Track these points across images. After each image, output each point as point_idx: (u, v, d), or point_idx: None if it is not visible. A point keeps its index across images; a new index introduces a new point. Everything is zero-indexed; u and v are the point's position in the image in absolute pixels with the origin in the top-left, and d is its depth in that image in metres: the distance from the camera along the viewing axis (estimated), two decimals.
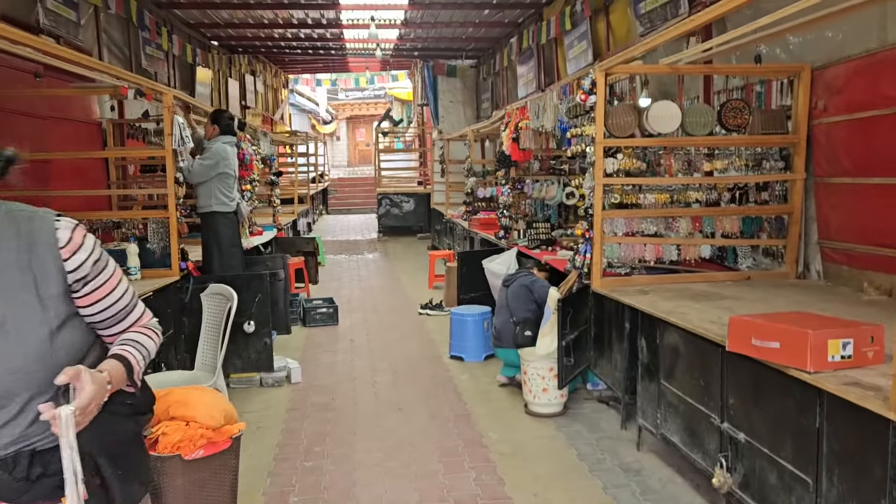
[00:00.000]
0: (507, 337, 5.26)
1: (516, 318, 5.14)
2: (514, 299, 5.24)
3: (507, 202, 7.14)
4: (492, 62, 13.84)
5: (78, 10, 6.63)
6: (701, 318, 3.42)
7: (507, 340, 5.27)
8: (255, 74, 15.94)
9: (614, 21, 7.56)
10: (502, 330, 5.30)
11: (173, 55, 9.92)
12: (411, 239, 15.64)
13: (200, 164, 5.76)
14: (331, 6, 10.19)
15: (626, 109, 4.43)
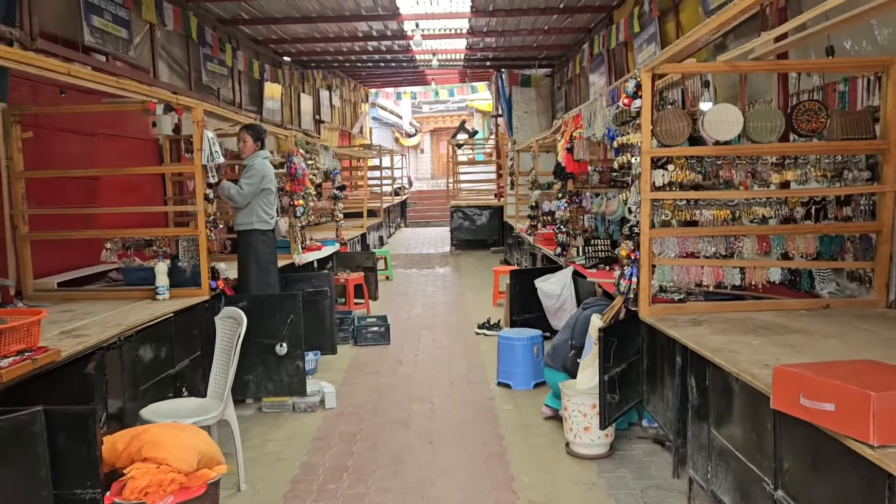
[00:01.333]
0: (559, 356, 4.84)
1: (575, 342, 4.69)
2: (583, 324, 4.78)
3: (565, 217, 6.66)
4: (565, 70, 13.32)
5: (130, 28, 6.66)
6: (753, 360, 2.88)
7: (557, 359, 4.83)
8: (332, 89, 16.04)
9: (684, 20, 6.96)
10: (557, 346, 4.87)
11: (239, 71, 9.97)
12: (484, 253, 15.25)
13: (248, 185, 5.59)
14: (392, 17, 10.00)
15: (678, 114, 3.90)
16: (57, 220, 5.38)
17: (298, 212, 7.28)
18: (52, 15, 5.68)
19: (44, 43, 5.42)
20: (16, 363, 3.00)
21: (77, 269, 5.63)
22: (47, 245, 5.25)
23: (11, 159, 4.86)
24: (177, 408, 3.97)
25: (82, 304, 4.75)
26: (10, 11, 5.06)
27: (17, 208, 4.92)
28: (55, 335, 3.72)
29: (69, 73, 3.52)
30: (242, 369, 5.01)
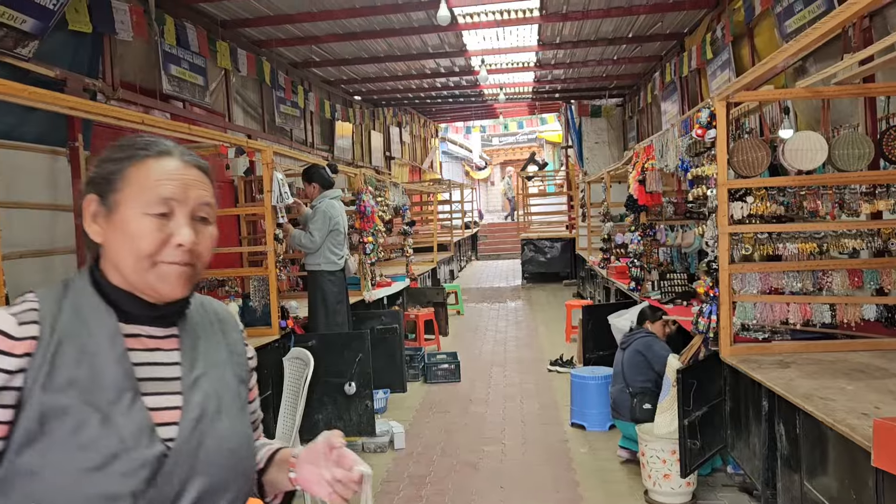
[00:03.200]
0: (623, 409, 4.60)
1: (633, 389, 4.46)
2: (630, 366, 4.57)
3: (638, 250, 6.44)
4: (636, 99, 13.10)
5: (206, 75, 6.91)
6: (849, 408, 2.64)
7: (623, 412, 4.60)
8: (402, 126, 16.27)
9: (760, 45, 6.71)
10: (618, 400, 4.64)
11: (310, 112, 10.22)
12: (556, 286, 14.99)
13: (317, 231, 5.66)
14: (459, 53, 10.08)
15: (756, 144, 3.71)
16: None
17: (368, 249, 7.31)
18: (132, 66, 5.95)
19: (125, 93, 5.66)
20: None
21: None
22: None
23: None
24: None
25: None
26: (94, 64, 5.32)
27: None
28: None
29: (143, 122, 3.64)
30: (312, 409, 5.01)
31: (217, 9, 7.16)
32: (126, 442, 1.06)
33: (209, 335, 1.28)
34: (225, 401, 1.24)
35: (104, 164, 1.17)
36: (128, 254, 1.13)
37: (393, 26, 8.50)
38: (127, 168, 1.15)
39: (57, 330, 1.09)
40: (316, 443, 1.29)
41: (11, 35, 4.18)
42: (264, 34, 8.29)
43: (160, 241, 1.13)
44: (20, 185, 4.47)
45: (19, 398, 1.05)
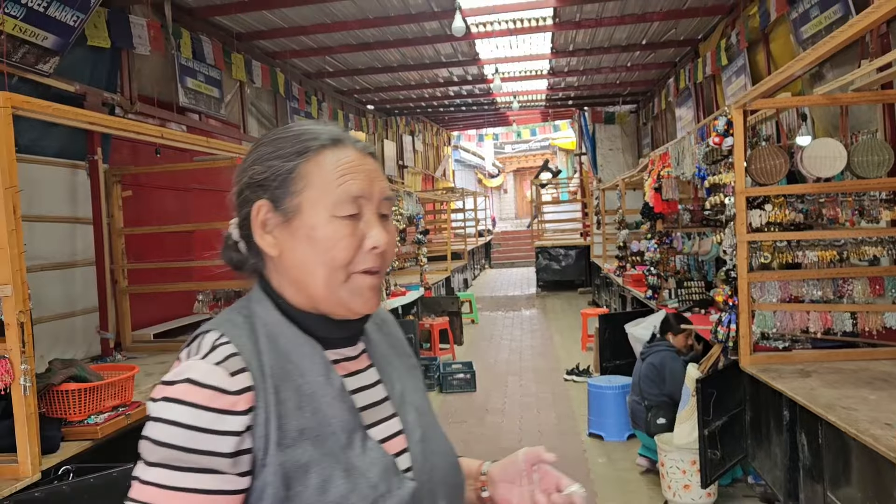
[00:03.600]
0: (639, 421, 4.57)
1: (648, 402, 4.43)
2: (645, 379, 4.54)
3: (655, 258, 6.41)
4: (650, 105, 13.07)
5: (221, 87, 6.97)
6: (872, 418, 2.61)
7: (640, 424, 4.57)
8: (414, 134, 16.31)
9: (775, 50, 6.67)
10: (634, 411, 4.61)
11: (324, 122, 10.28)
12: (571, 294, 14.94)
13: None
14: (472, 62, 10.10)
15: (774, 151, 3.69)
16: (153, 274, 5.59)
17: None
18: (149, 80, 6.01)
19: (142, 106, 5.72)
20: (111, 419, 3.08)
21: (172, 321, 5.83)
22: (144, 297, 5.46)
23: (112, 217, 5.12)
24: None
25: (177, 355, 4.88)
26: (112, 79, 5.38)
27: (117, 263, 5.15)
28: (150, 388, 3.82)
29: (162, 136, 3.68)
30: None
31: (232, 22, 7.23)
32: (378, 488, 0.92)
33: (386, 343, 1.14)
34: (428, 411, 1.11)
35: (268, 161, 0.98)
36: (318, 266, 0.95)
37: (406, 36, 8.54)
38: (302, 164, 0.97)
39: (267, 374, 0.91)
40: (515, 458, 1.13)
41: (33, 52, 4.24)
42: (278, 46, 8.36)
43: (355, 247, 0.96)
44: (41, 199, 4.52)
45: (253, 461, 0.88)
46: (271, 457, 0.87)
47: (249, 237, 1.01)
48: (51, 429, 2.84)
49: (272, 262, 1.00)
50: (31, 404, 2.60)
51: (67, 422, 2.99)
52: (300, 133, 1.00)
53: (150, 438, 0.86)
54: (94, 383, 3.08)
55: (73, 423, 2.99)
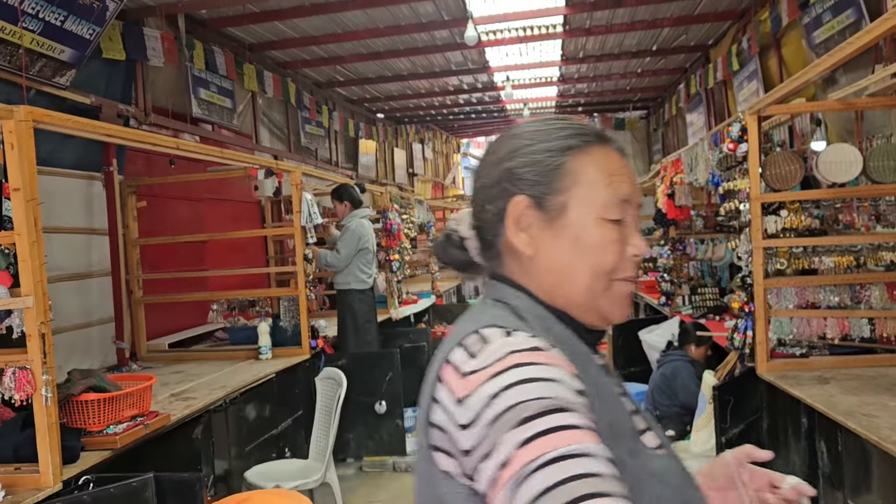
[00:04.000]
0: None
1: (659, 412, 4.41)
2: (657, 389, 4.53)
3: (668, 265, 6.39)
4: (661, 111, 13.05)
5: (233, 98, 7.01)
6: (893, 425, 2.60)
7: None
8: (424, 142, 16.34)
9: (787, 55, 6.65)
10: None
11: (335, 131, 10.32)
12: None
13: (344, 249, 5.70)
14: (482, 70, 10.12)
15: (789, 157, 3.67)
16: (168, 284, 5.63)
17: (394, 266, 7.35)
18: (163, 91, 6.06)
19: (156, 117, 5.77)
20: (129, 429, 3.09)
21: (186, 330, 5.85)
22: (158, 307, 5.49)
23: (127, 227, 5.15)
24: (280, 470, 3.99)
25: (191, 364, 4.92)
26: (127, 91, 5.44)
27: (132, 274, 5.19)
28: (166, 398, 3.84)
29: (178, 148, 3.71)
30: (343, 428, 5.01)
31: (244, 33, 7.28)
32: (693, 498, 0.87)
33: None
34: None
35: (529, 154, 0.92)
36: (582, 270, 0.89)
37: (416, 45, 8.57)
38: (569, 160, 0.91)
39: (583, 377, 0.81)
40: (723, 460, 1.07)
41: (50, 65, 4.29)
42: (289, 56, 8.40)
43: (620, 252, 0.90)
44: (57, 210, 4.55)
45: None
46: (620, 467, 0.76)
47: (487, 233, 0.95)
48: (71, 439, 2.85)
49: (519, 261, 0.93)
50: (52, 414, 2.62)
51: (87, 432, 3.01)
52: (564, 127, 0.94)
53: (505, 409, 0.73)
54: (113, 393, 3.10)
55: (93, 433, 3.01)
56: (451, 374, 0.81)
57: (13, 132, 2.56)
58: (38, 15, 4.06)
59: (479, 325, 0.85)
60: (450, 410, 0.79)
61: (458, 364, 0.81)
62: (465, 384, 0.78)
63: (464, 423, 0.76)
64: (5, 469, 2.72)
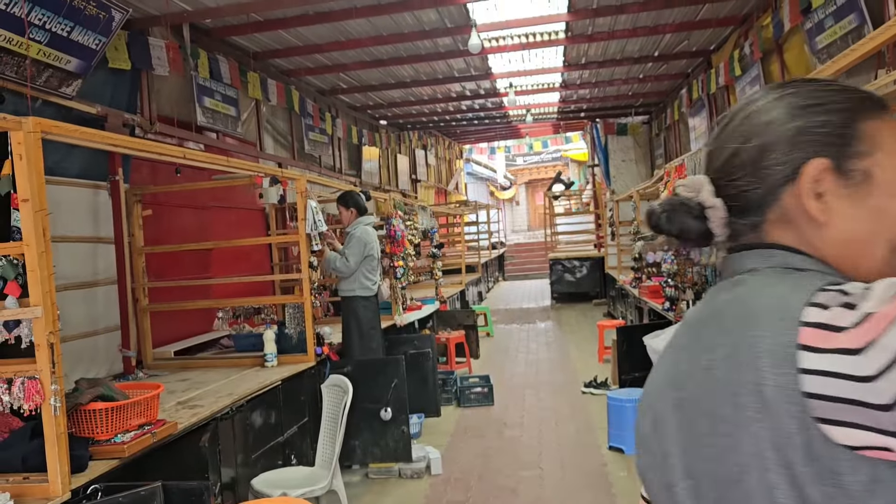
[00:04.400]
0: None
1: None
2: None
3: (672, 270, 6.39)
4: (663, 116, 13.07)
5: (237, 105, 7.04)
6: None
7: None
8: (427, 148, 16.39)
9: (790, 60, 6.67)
10: None
11: (338, 138, 10.36)
12: (586, 306, 14.89)
13: (353, 256, 5.70)
14: (484, 77, 10.15)
15: None
16: (173, 291, 5.64)
17: (399, 273, 7.36)
18: (168, 100, 6.09)
19: (161, 126, 5.80)
20: (137, 437, 3.11)
21: (192, 338, 5.87)
22: (163, 315, 5.51)
23: (133, 236, 5.17)
24: (286, 478, 3.99)
25: (197, 372, 4.93)
26: (132, 100, 5.46)
27: (138, 282, 5.21)
28: (172, 406, 3.85)
29: (185, 157, 3.72)
30: (349, 434, 5.02)
31: (249, 41, 7.31)
32: None
33: None
34: None
35: (826, 114, 0.86)
36: (882, 243, 0.84)
37: (419, 52, 8.61)
38: (866, 124, 0.85)
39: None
40: None
41: (56, 75, 4.32)
42: (293, 64, 8.44)
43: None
44: (63, 219, 4.57)
45: None
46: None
47: (751, 200, 0.89)
48: (79, 448, 2.86)
49: (798, 231, 0.87)
50: (60, 424, 2.63)
51: (95, 441, 3.02)
52: (845, 88, 0.89)
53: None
54: (121, 402, 3.11)
55: (100, 442, 3.02)
56: (823, 335, 0.73)
57: (22, 143, 2.58)
58: (45, 26, 4.09)
59: (809, 290, 0.77)
60: (846, 369, 0.70)
61: (830, 321, 0.73)
62: (860, 333, 0.71)
63: (875, 371, 0.69)
64: (14, 478, 2.74)
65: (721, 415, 0.79)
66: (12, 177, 2.65)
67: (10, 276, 2.69)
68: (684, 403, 0.86)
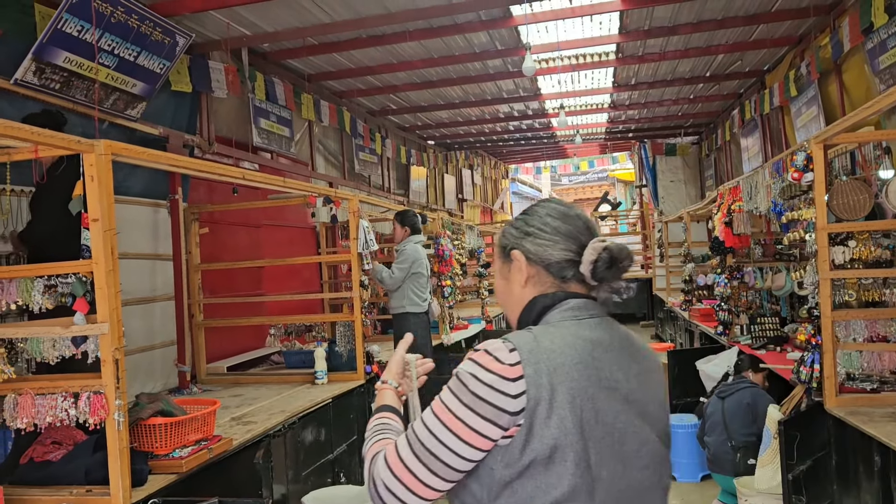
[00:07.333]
0: (724, 462, 4.42)
1: (736, 443, 4.29)
2: (733, 418, 4.40)
3: (725, 294, 6.26)
4: (713, 137, 12.87)
5: (291, 126, 7.19)
6: None
7: (724, 466, 4.42)
8: (473, 168, 16.44)
9: (848, 81, 6.52)
10: (718, 453, 4.46)
11: (387, 158, 10.47)
12: (633, 327, 14.65)
13: (399, 269, 5.78)
14: (533, 97, 10.16)
15: (857, 186, 3.59)
16: (227, 308, 5.75)
17: (446, 292, 7.37)
18: (225, 121, 6.26)
19: (219, 146, 5.95)
20: (194, 452, 3.16)
21: (243, 353, 5.96)
22: (217, 331, 5.61)
23: (190, 253, 5.30)
24: (336, 495, 4.00)
25: (249, 388, 5.00)
26: (192, 122, 5.63)
27: (193, 298, 5.32)
28: (227, 422, 3.91)
29: (244, 178, 3.81)
30: None
31: (303, 64, 7.48)
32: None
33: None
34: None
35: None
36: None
37: (469, 74, 8.67)
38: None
39: None
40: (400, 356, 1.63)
41: (123, 98, 4.48)
42: (345, 85, 8.59)
43: None
44: (125, 237, 4.70)
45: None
46: None
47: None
48: (139, 462, 2.92)
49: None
50: (123, 438, 2.69)
51: (154, 455, 3.08)
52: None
53: None
54: (180, 418, 3.17)
55: (159, 457, 3.08)
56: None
57: (94, 165, 2.68)
58: (114, 51, 4.26)
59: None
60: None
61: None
62: None
63: None
64: (77, 491, 2.81)
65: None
66: (83, 197, 2.74)
67: (80, 293, 2.78)
68: (630, 396, 1.28)
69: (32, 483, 2.87)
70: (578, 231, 1.36)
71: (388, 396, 1.53)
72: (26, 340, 2.94)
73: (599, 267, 1.31)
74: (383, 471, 1.24)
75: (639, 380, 1.30)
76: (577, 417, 1.17)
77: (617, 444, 1.21)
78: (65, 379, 2.82)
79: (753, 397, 4.46)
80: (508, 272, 1.39)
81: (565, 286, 1.35)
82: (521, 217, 1.42)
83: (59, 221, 3.23)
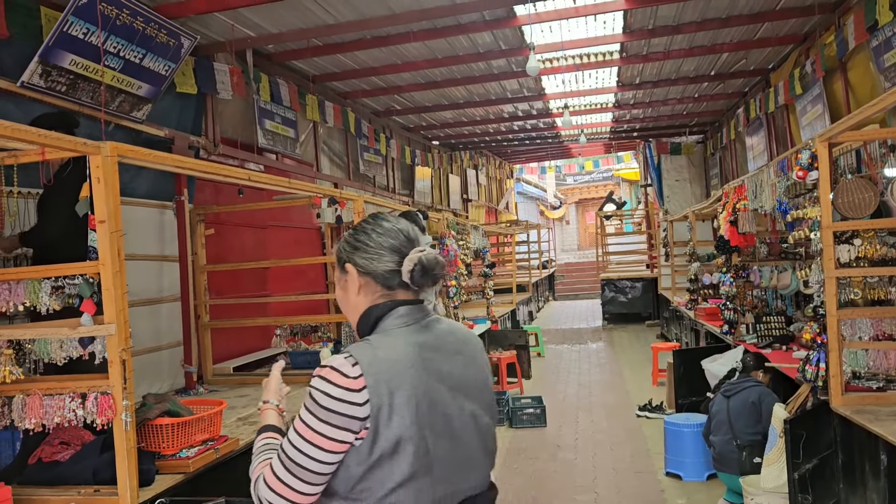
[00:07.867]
0: (729, 461, 4.41)
1: (741, 441, 4.29)
2: (739, 417, 4.39)
3: (731, 293, 6.25)
4: (718, 136, 12.85)
5: (296, 127, 7.21)
6: None
7: (729, 465, 4.41)
8: (478, 168, 16.45)
9: (854, 79, 6.50)
10: (723, 452, 4.45)
11: (392, 158, 10.48)
12: (639, 327, 14.65)
13: None
14: (537, 97, 10.16)
15: (862, 184, 3.58)
16: (232, 308, 5.76)
17: (451, 292, 7.39)
18: (230, 123, 6.28)
19: (224, 148, 5.97)
20: (201, 452, 3.17)
21: (249, 354, 5.98)
22: (223, 331, 5.63)
23: (196, 254, 5.32)
24: None
25: (255, 388, 5.01)
26: (197, 123, 5.65)
27: (200, 299, 5.34)
28: (233, 422, 3.92)
29: (249, 179, 3.83)
30: None
31: (307, 65, 7.50)
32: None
33: None
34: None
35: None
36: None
37: (473, 74, 8.68)
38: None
39: None
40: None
41: (128, 100, 4.50)
42: (349, 86, 8.60)
43: None
44: (131, 238, 4.72)
45: None
46: None
47: None
48: (146, 462, 2.94)
49: None
50: (131, 439, 2.71)
51: (161, 455, 3.09)
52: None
53: None
54: (186, 418, 3.18)
55: (166, 457, 3.10)
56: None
57: (100, 167, 2.69)
58: (119, 53, 4.28)
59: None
60: None
61: None
62: None
63: None
64: (85, 490, 2.82)
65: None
66: (89, 199, 2.76)
67: (87, 295, 2.80)
68: (457, 383, 1.52)
69: (41, 483, 2.89)
70: (401, 244, 1.54)
71: (271, 416, 1.73)
72: (34, 341, 2.96)
73: (416, 274, 1.50)
74: (264, 490, 1.44)
75: (464, 367, 1.55)
76: (413, 413, 1.39)
77: (448, 425, 1.46)
78: (72, 380, 2.84)
79: (759, 396, 4.46)
80: (346, 283, 1.59)
81: (393, 294, 1.54)
82: (352, 233, 1.60)
83: (66, 223, 3.25)
